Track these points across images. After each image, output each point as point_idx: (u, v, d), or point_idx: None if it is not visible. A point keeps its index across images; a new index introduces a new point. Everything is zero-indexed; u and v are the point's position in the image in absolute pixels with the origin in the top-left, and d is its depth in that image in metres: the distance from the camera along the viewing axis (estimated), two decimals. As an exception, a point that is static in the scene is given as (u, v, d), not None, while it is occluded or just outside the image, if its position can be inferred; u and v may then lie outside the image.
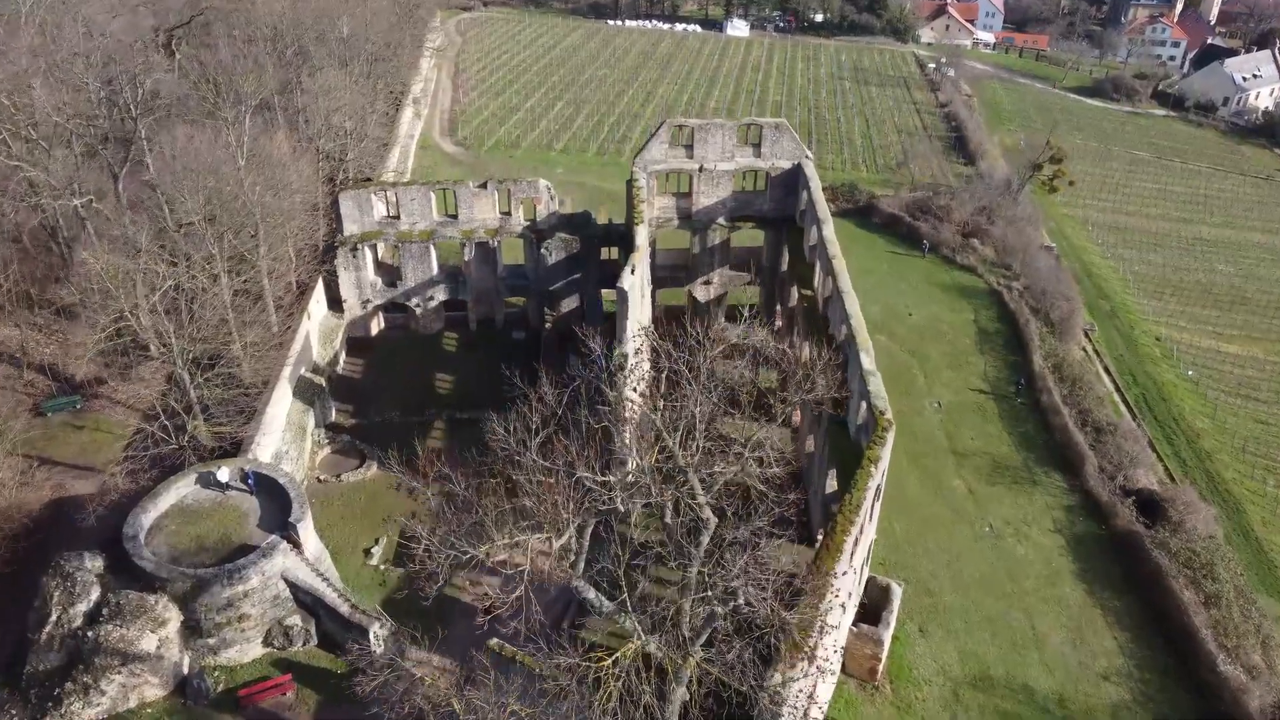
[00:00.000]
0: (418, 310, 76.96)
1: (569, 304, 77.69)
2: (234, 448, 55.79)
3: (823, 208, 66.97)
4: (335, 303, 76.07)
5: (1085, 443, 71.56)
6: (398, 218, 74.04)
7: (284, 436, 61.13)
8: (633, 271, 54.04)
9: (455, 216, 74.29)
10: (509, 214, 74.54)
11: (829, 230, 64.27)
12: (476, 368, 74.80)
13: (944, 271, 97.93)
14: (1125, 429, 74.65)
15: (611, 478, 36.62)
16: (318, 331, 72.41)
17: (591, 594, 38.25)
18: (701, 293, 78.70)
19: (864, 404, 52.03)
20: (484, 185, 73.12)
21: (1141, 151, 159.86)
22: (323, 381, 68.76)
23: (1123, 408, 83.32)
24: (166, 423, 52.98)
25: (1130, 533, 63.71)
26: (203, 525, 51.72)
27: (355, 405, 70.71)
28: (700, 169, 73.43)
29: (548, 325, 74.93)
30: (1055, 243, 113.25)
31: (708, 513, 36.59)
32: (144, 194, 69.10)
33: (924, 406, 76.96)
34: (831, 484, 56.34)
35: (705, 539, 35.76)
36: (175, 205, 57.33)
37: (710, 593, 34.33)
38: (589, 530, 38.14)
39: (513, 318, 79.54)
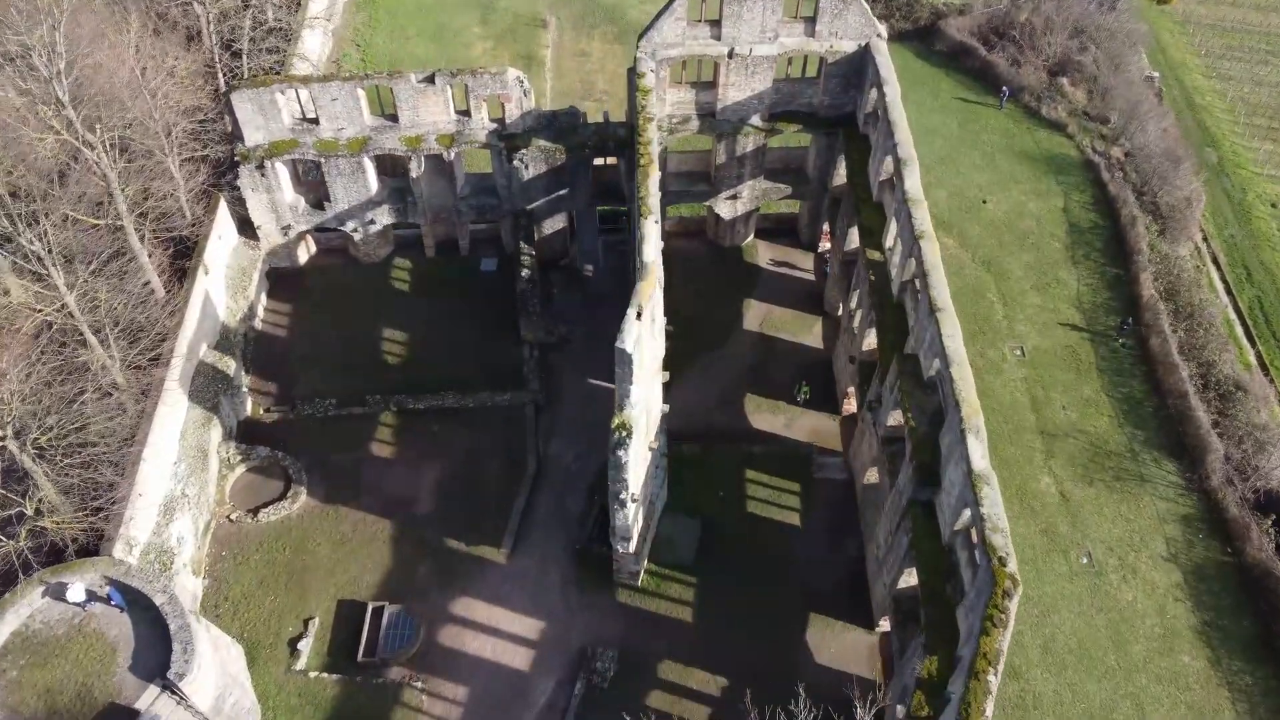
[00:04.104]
0: (356, 237, 58.94)
1: (553, 224, 59.60)
2: (95, 540, 40.74)
3: (904, 133, 47.55)
4: (248, 226, 58.00)
5: (1208, 421, 56.47)
6: (317, 121, 54.34)
7: (175, 472, 46.05)
8: (638, 316, 36.20)
9: (395, 119, 54.53)
10: (467, 114, 54.79)
11: (914, 182, 45.49)
12: (435, 318, 58.10)
13: (1026, 130, 77.61)
14: (1256, 391, 59.24)
15: None
16: (224, 280, 55.02)
17: None
18: (726, 209, 60.31)
19: (966, 511, 36.80)
20: (431, 79, 52.80)
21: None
22: (231, 364, 52.41)
23: (1240, 330, 67.41)
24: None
25: (1266, 571, 50.33)
26: (54, 669, 37.83)
27: (278, 385, 54.75)
28: (730, 54, 52.92)
29: (525, 271, 57.32)
30: (1156, 64, 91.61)
31: None
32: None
33: (1003, 355, 60.92)
34: (908, 579, 42.22)
35: None
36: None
37: None
38: None
39: (481, 238, 61.57)
